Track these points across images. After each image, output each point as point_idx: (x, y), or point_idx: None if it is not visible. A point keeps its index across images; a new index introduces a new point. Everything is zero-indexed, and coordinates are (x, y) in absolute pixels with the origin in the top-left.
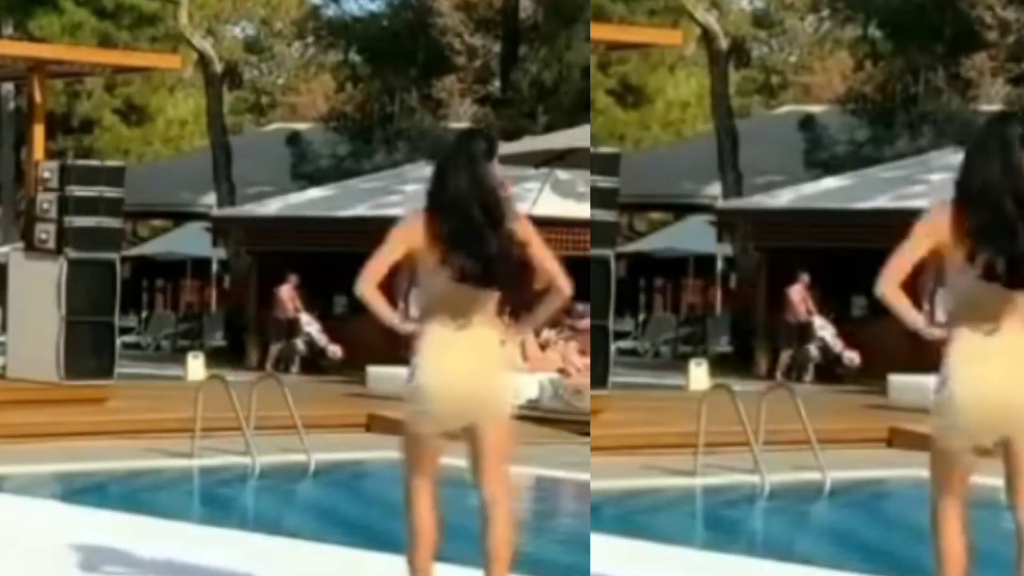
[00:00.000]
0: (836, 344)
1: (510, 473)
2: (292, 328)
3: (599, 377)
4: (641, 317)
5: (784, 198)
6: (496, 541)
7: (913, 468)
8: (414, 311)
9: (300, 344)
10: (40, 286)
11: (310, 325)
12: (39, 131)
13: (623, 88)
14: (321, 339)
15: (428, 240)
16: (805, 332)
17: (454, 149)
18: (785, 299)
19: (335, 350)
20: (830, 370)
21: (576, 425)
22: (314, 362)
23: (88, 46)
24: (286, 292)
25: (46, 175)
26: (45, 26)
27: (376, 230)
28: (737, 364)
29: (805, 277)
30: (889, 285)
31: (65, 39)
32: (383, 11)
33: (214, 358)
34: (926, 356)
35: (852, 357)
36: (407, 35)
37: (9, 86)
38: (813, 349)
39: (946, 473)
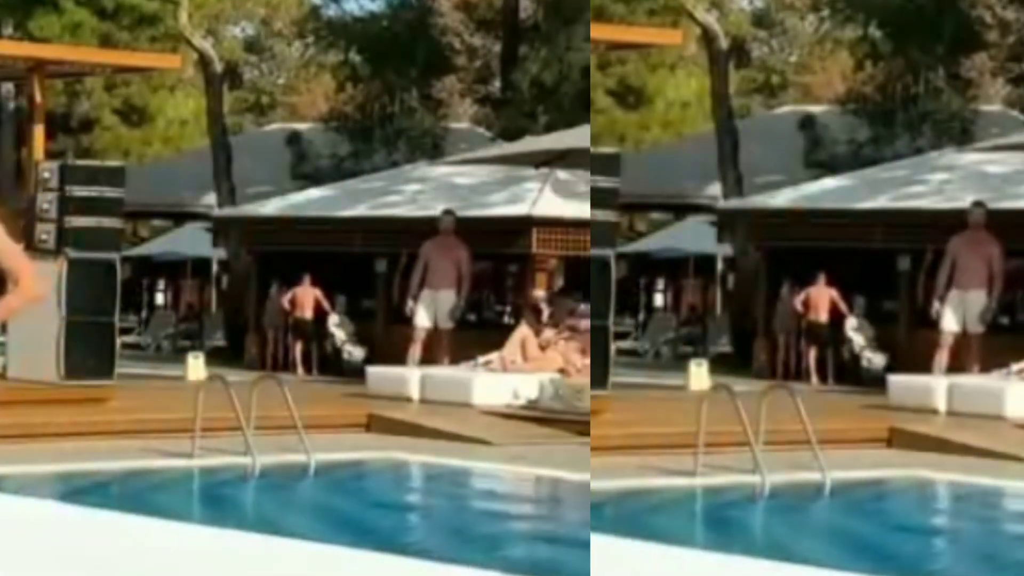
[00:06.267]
0: (865, 346)
1: None
2: (318, 328)
3: (599, 377)
4: (641, 317)
5: (784, 198)
6: None
7: (913, 468)
8: (421, 311)
9: (330, 345)
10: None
11: (342, 327)
12: (39, 131)
13: (623, 88)
14: (348, 340)
15: None
16: (835, 333)
17: None
18: (807, 299)
19: (357, 352)
20: (853, 371)
21: (576, 425)
22: (334, 362)
23: (88, 46)
24: (304, 292)
25: (46, 175)
26: (45, 26)
27: (376, 230)
28: (737, 364)
29: (822, 277)
30: None
31: (65, 39)
32: (383, 11)
33: (214, 358)
34: (926, 356)
35: (872, 358)
36: (407, 35)
37: (9, 86)
38: (846, 351)
39: None
